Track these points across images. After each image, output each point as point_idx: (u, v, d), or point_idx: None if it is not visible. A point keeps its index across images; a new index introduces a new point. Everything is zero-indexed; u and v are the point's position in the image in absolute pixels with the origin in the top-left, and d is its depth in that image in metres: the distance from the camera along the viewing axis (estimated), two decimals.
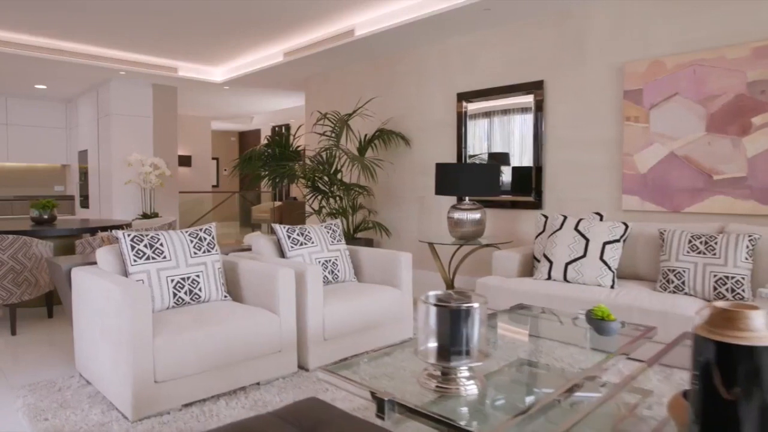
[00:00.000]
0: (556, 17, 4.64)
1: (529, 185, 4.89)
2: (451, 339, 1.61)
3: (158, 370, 2.33)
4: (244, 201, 12.24)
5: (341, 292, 3.21)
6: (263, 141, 13.49)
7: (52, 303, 4.27)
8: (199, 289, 2.82)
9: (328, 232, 3.57)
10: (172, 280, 2.74)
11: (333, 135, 5.46)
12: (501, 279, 3.82)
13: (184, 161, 11.45)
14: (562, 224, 3.78)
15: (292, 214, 10.96)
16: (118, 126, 7.48)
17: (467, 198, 4.58)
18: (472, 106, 5.31)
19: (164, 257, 2.76)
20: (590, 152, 4.48)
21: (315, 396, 2.46)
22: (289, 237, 3.36)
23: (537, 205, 4.83)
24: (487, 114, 5.19)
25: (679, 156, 3.96)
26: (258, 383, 2.74)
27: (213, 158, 12.88)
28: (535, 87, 4.79)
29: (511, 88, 4.97)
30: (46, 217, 4.85)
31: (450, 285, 4.38)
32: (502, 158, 5.08)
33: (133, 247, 2.70)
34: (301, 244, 3.38)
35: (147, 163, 7.28)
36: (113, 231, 2.71)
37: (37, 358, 3.21)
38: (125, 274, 2.75)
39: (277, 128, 13.09)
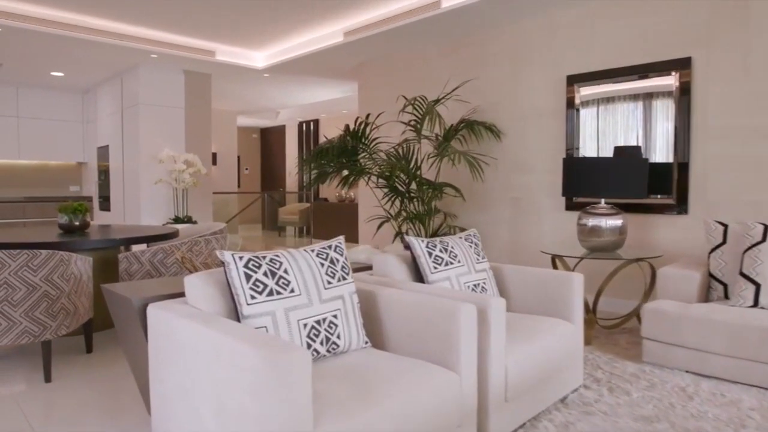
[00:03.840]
0: None
1: (665, 185, 4.01)
2: None
3: None
4: (271, 202, 11.34)
5: (508, 329, 2.34)
6: (288, 138, 12.60)
7: (91, 332, 3.38)
8: (338, 336, 1.94)
9: (470, 247, 2.69)
10: (305, 325, 1.86)
11: (417, 125, 4.57)
12: (682, 305, 2.94)
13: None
14: (765, 235, 2.90)
15: (323, 216, 10.08)
16: (146, 118, 6.57)
17: (603, 200, 3.73)
18: (585, 91, 4.43)
19: (291, 291, 1.87)
20: (759, 144, 3.60)
21: None
22: (430, 254, 2.47)
23: (675, 207, 3.96)
24: (607, 100, 4.31)
25: None
26: None
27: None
28: (678, 66, 3.91)
29: (642, 68, 4.09)
30: (77, 224, 3.95)
31: (590, 309, 3.50)
32: (631, 152, 4.20)
33: (248, 277, 1.81)
34: (446, 264, 2.49)
35: (180, 160, 6.38)
36: (220, 252, 1.83)
37: (87, 426, 2.33)
38: (235, 314, 1.87)
39: (304, 124, 12.21)
